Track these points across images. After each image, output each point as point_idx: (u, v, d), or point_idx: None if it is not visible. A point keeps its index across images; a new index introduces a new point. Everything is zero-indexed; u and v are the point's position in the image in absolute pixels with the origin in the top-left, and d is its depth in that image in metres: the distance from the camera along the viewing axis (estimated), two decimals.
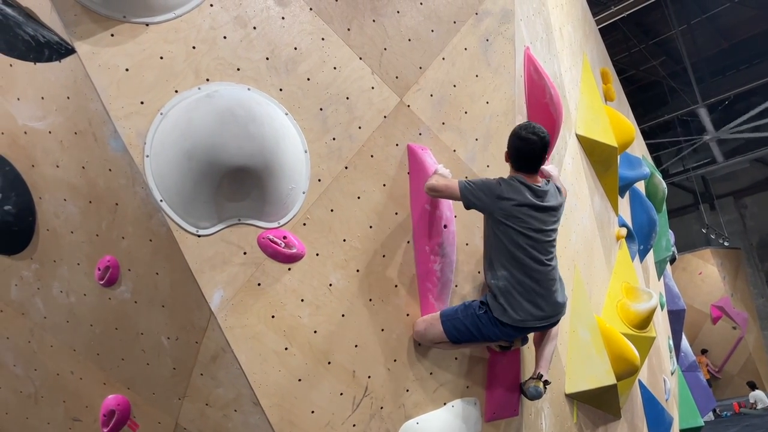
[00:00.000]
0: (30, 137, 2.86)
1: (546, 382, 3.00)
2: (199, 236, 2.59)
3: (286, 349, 2.67)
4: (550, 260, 2.88)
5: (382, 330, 2.90)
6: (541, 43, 4.06)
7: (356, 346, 2.82)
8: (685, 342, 8.97)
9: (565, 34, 4.83)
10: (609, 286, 4.91)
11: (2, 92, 2.86)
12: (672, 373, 7.05)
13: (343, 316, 2.81)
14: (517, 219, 2.79)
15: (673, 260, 8.59)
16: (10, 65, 2.79)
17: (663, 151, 18.17)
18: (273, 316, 2.66)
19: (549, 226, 2.89)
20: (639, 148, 7.23)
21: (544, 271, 2.84)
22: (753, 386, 14.11)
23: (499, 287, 2.82)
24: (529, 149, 2.87)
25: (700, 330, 16.23)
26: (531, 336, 3.20)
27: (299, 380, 2.68)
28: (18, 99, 2.83)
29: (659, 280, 7.61)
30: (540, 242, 2.83)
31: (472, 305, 2.87)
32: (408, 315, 2.96)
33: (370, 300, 2.89)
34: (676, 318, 7.97)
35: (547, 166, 3.19)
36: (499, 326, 2.81)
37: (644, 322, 4.69)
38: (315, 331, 2.74)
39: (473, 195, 2.81)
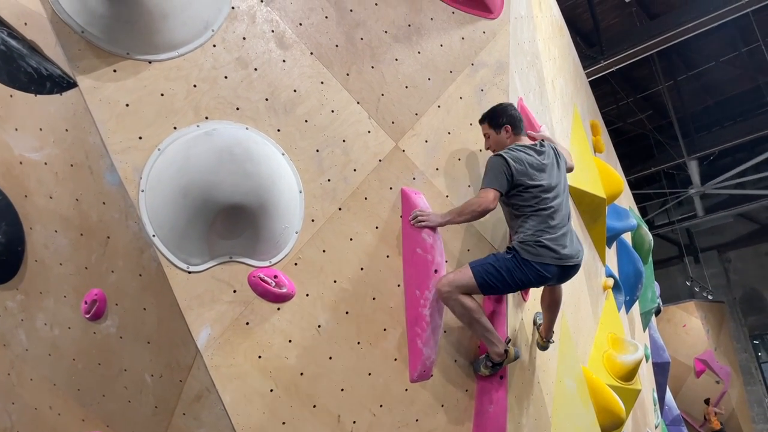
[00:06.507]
0: (25, 167, 2.85)
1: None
2: (189, 272, 2.58)
3: (271, 390, 2.63)
4: (558, 210, 3.10)
5: (369, 374, 2.87)
6: (534, 95, 4.15)
7: (342, 389, 2.79)
8: (669, 395, 8.92)
9: (557, 87, 4.95)
10: (595, 337, 4.91)
11: (0, 122, 2.86)
12: (656, 427, 7.00)
13: (330, 358, 2.79)
14: (527, 177, 3.04)
15: (658, 312, 8.60)
16: (11, 96, 2.80)
17: (649, 202, 18.42)
18: (260, 356, 2.63)
19: (554, 180, 3.15)
20: (626, 200, 7.33)
21: (559, 223, 3.08)
22: None
23: (525, 236, 3.01)
24: (518, 114, 3.30)
25: (684, 383, 16.13)
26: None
27: (283, 423, 2.63)
28: (16, 129, 2.83)
29: (644, 331, 7.61)
30: (548, 195, 3.08)
31: (500, 254, 3.07)
32: (396, 360, 2.94)
33: (359, 343, 2.87)
34: (661, 370, 7.94)
35: (543, 131, 3.68)
36: (527, 267, 2.97)
37: (630, 373, 4.69)
38: (301, 373, 2.71)
39: (500, 183, 3.00)
